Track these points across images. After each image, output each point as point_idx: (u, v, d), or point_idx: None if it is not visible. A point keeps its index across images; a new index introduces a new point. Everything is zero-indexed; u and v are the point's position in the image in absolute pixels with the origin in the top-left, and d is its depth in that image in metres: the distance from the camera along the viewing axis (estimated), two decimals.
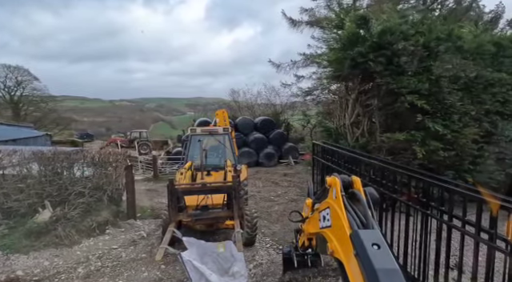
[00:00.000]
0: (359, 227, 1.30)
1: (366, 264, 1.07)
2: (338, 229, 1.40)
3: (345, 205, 1.41)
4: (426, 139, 5.63)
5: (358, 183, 1.54)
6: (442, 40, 5.95)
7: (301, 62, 11.14)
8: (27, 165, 5.30)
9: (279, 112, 17.75)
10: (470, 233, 2.20)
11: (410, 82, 5.72)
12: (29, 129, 19.07)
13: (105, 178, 5.72)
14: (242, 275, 3.30)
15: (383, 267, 1.03)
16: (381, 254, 1.09)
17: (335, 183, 1.53)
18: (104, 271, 4.04)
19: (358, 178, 1.55)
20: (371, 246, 1.12)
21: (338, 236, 1.38)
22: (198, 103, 71.58)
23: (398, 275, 1.04)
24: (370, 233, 1.21)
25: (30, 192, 5.06)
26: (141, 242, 5.00)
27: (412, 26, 6.06)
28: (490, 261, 2.06)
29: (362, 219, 1.34)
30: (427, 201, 2.62)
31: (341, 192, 1.46)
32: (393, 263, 1.08)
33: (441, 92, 5.70)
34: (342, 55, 6.36)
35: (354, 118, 7.16)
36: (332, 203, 1.51)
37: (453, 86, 5.78)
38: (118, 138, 29.16)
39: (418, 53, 5.81)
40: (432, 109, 5.71)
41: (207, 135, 6.24)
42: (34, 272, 3.92)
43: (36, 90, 32.64)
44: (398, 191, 3.06)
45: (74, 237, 4.81)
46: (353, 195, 1.49)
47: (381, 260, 1.06)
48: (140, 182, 10.50)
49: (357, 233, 1.21)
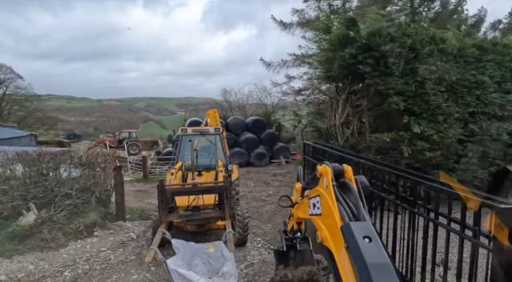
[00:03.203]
0: (350, 218, 1.26)
1: (357, 258, 1.04)
2: (328, 219, 1.36)
3: (336, 196, 1.36)
4: (413, 139, 5.77)
5: (349, 172, 1.49)
6: (426, 43, 6.12)
7: (291, 62, 11.22)
8: (11, 166, 5.13)
9: (270, 112, 17.81)
10: (455, 230, 2.27)
11: (397, 83, 5.85)
12: (12, 129, 18.44)
13: (93, 179, 5.60)
14: (231, 276, 3.29)
15: (374, 262, 1.01)
16: (372, 247, 1.07)
17: (326, 171, 1.47)
18: (92, 275, 3.95)
19: (349, 166, 1.49)
20: (362, 239, 1.09)
21: (329, 227, 1.34)
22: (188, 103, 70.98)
23: (390, 270, 1.02)
24: (362, 225, 1.18)
25: (13, 194, 4.89)
26: (130, 244, 4.92)
27: (399, 28, 6.20)
28: (473, 257, 2.13)
29: (353, 211, 1.30)
30: (414, 199, 2.68)
31: (332, 182, 1.41)
32: (384, 257, 1.06)
33: (426, 94, 5.85)
34: (333, 56, 6.45)
35: (344, 119, 7.26)
36: (323, 193, 1.46)
37: (438, 87, 5.95)
38: (106, 139, 28.56)
39: (405, 55, 5.95)
40: (419, 110, 5.86)
41: (198, 135, 6.21)
42: (18, 277, 3.80)
43: (19, 89, 31.63)
44: (386, 190, 3.12)
45: (60, 240, 4.69)
46: (344, 184, 1.45)
47: (372, 254, 1.04)
48: (129, 183, 10.34)
49: (348, 225, 1.17)
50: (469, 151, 6.11)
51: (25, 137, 15.32)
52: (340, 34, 6.18)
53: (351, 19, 6.39)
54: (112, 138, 29.44)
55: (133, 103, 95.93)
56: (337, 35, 6.22)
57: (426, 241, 2.64)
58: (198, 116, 18.47)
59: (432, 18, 9.92)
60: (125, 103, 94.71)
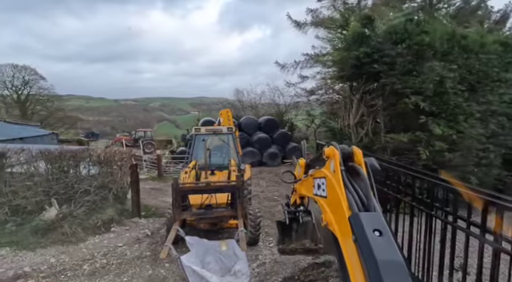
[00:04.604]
0: (359, 208, 1.16)
1: (367, 254, 0.96)
2: (334, 205, 1.27)
3: (344, 182, 1.26)
4: (431, 140, 5.60)
5: (359, 156, 1.35)
6: (445, 40, 5.91)
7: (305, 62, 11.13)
8: (34, 163, 5.39)
9: (283, 112, 17.73)
10: (475, 234, 2.19)
11: (414, 82, 5.69)
12: (36, 128, 19.33)
13: (110, 176, 5.79)
14: (243, 274, 3.31)
15: (385, 259, 0.93)
16: (383, 242, 0.99)
17: (334, 154, 1.34)
18: (109, 269, 4.09)
19: (359, 149, 1.37)
20: (372, 232, 1.01)
21: (335, 213, 1.26)
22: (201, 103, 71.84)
23: (402, 268, 0.94)
24: (372, 217, 1.08)
25: (37, 190, 5.14)
26: (145, 240, 5.05)
27: (417, 26, 6.03)
28: (495, 263, 2.05)
29: (362, 199, 1.20)
30: (431, 201, 2.61)
31: (340, 166, 1.29)
32: (396, 253, 0.97)
33: (445, 93, 5.66)
34: (347, 55, 6.35)
35: (358, 119, 7.14)
36: (329, 177, 1.35)
37: (458, 86, 5.74)
38: (123, 137, 29.38)
39: (423, 53, 5.78)
40: (437, 110, 5.67)
41: (211, 135, 6.27)
42: (41, 269, 3.99)
43: (42, 89, 33.07)
44: (401, 192, 3.05)
45: (79, 234, 4.88)
46: (353, 169, 1.33)
47: (383, 250, 0.95)
48: (144, 181, 10.59)
49: (357, 216, 1.08)
50: (490, 152, 5.86)
51: (47, 135, 16.02)
52: (356, 32, 6.08)
53: (367, 17, 6.27)
54: (128, 137, 30.27)
55: (148, 103, 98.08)
56: (352, 33, 6.12)
57: (444, 245, 2.56)
58: (211, 116, 18.65)
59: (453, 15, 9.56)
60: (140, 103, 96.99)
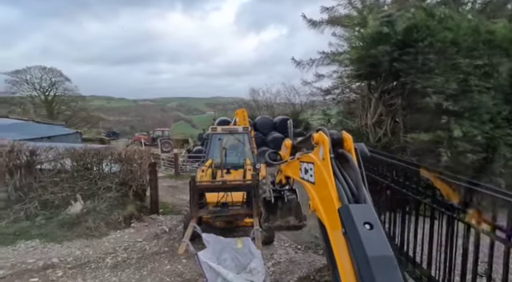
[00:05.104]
0: (349, 199, 1.12)
1: (357, 249, 0.94)
2: (323, 193, 1.23)
3: (334, 172, 1.20)
4: (454, 141, 5.38)
5: (349, 142, 1.31)
6: (471, 35, 5.65)
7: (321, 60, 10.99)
8: (61, 160, 5.69)
9: (298, 111, 17.63)
10: (501, 238, 2.10)
11: (436, 81, 5.49)
12: (61, 127, 20.34)
13: (130, 174, 6.01)
14: (259, 272, 3.34)
15: (376, 255, 0.91)
16: (374, 236, 0.96)
17: (323, 140, 1.28)
18: (130, 263, 4.26)
19: (349, 135, 1.32)
20: (363, 225, 0.98)
21: (323, 201, 1.22)
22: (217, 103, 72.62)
23: (392, 263, 0.92)
24: (362, 209, 1.05)
25: (63, 186, 5.44)
26: (163, 236, 5.20)
27: (439, 22, 5.80)
28: None
29: (352, 189, 1.17)
30: (453, 204, 2.53)
31: (330, 154, 1.24)
32: (387, 248, 0.95)
33: (470, 91, 5.42)
34: (365, 54, 6.23)
35: (376, 118, 6.98)
36: (318, 164, 1.31)
37: (483, 84, 5.48)
38: (141, 137, 30.34)
39: (446, 50, 5.56)
40: (460, 109, 5.44)
41: (227, 134, 6.36)
42: (68, 260, 4.22)
43: (67, 91, 34.75)
44: (421, 193, 2.97)
45: (102, 229, 5.11)
46: (343, 156, 1.28)
47: (374, 245, 0.93)
48: (162, 179, 10.88)
49: (347, 208, 1.05)
50: None
51: (72, 134, 16.81)
52: (374, 30, 5.94)
53: (386, 15, 6.12)
54: (146, 136, 31.19)
55: (165, 103, 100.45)
56: (370, 32, 5.99)
57: (467, 249, 2.48)
58: (227, 115, 18.84)
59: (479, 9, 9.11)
60: (158, 103, 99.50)
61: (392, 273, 0.91)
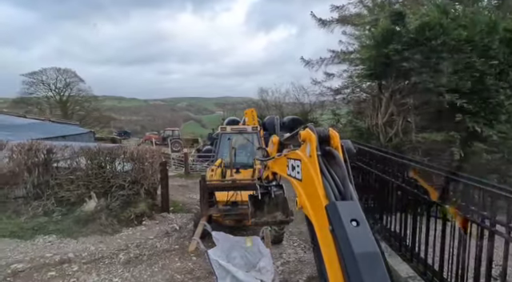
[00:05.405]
0: (336, 196, 1.14)
1: (344, 246, 0.96)
2: (310, 191, 1.24)
3: (321, 169, 1.21)
4: (468, 140, 5.26)
5: (336, 139, 1.31)
6: (486, 33, 5.50)
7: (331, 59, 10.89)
8: (76, 159, 5.87)
9: (308, 111, 17.53)
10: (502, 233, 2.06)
11: (449, 80, 5.37)
12: (76, 126, 20.89)
13: (142, 173, 6.13)
14: (268, 271, 3.37)
15: (362, 251, 0.93)
16: (360, 233, 0.98)
17: (310, 138, 1.29)
18: (142, 259, 4.37)
19: (335, 132, 1.33)
20: (349, 222, 1.00)
21: (310, 197, 1.24)
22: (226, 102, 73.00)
23: (378, 260, 0.94)
24: (349, 206, 1.07)
25: (78, 183, 5.61)
26: (174, 234, 5.30)
27: (453, 20, 5.68)
28: None
29: (339, 186, 1.17)
30: (467, 205, 2.49)
31: (317, 151, 1.25)
32: (373, 244, 0.97)
33: (485, 90, 5.28)
34: (376, 53, 6.15)
35: (387, 118, 6.88)
36: (305, 161, 1.32)
37: (499, 83, 5.33)
38: (152, 136, 30.86)
39: (460, 48, 5.43)
40: (474, 108, 5.31)
41: (237, 134, 6.41)
42: (83, 256, 4.36)
43: (81, 91, 35.70)
44: None
45: (115, 226, 5.25)
46: (329, 153, 1.29)
47: (360, 242, 0.95)
48: (172, 178, 11.03)
49: (334, 206, 1.06)
50: None
51: (86, 134, 17.23)
52: (385, 29, 5.86)
53: (398, 13, 6.02)
54: (157, 135, 31.68)
55: (175, 103, 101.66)
56: (381, 31, 5.91)
57: (481, 251, 2.43)
58: (236, 115, 18.93)
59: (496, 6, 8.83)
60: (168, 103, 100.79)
61: (377, 269, 0.93)
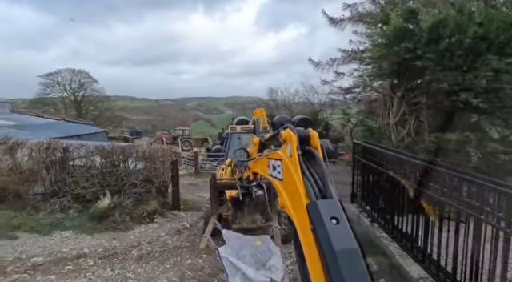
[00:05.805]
0: (317, 195, 1.16)
1: (325, 244, 0.98)
2: (291, 190, 1.26)
3: (302, 169, 1.24)
4: (483, 141, 5.12)
5: (315, 139, 1.34)
6: (503, 30, 5.33)
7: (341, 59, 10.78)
8: (91, 157, 6.05)
9: (317, 111, 17.44)
10: None
11: (464, 78, 5.24)
12: (90, 126, 21.45)
13: (154, 171, 6.26)
14: (278, 269, 3.39)
15: (342, 248, 0.96)
16: (340, 230, 1.01)
17: (291, 138, 1.32)
18: (154, 256, 4.47)
19: (315, 132, 1.36)
20: (329, 220, 1.02)
21: (291, 197, 1.25)
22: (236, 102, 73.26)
23: (358, 256, 0.97)
24: (329, 204, 1.09)
25: (93, 181, 5.78)
26: (184, 231, 5.40)
27: (469, 17, 5.53)
28: None
29: (319, 185, 1.19)
30: (481, 206, 2.44)
31: (297, 151, 1.27)
32: (352, 241, 1.00)
33: (501, 89, 5.13)
34: (387, 52, 6.06)
35: (399, 117, 6.76)
36: (286, 161, 1.34)
37: None
38: (163, 135, 31.36)
39: (475, 46, 5.29)
40: (490, 107, 5.16)
41: (246, 133, 6.46)
42: (97, 251, 4.50)
43: (95, 91, 36.62)
44: (447, 195, 2.88)
45: (128, 223, 5.38)
46: (309, 153, 1.31)
47: (340, 239, 0.98)
48: (182, 176, 11.17)
49: (315, 205, 1.08)
50: None
51: (99, 133, 17.68)
52: (397, 27, 5.76)
53: (411, 10, 5.92)
54: (167, 135, 32.15)
55: (185, 103, 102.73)
56: (393, 29, 5.82)
57: (496, 254, 2.39)
58: (245, 115, 19.00)
59: None
60: (178, 103, 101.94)
61: (357, 265, 0.96)
